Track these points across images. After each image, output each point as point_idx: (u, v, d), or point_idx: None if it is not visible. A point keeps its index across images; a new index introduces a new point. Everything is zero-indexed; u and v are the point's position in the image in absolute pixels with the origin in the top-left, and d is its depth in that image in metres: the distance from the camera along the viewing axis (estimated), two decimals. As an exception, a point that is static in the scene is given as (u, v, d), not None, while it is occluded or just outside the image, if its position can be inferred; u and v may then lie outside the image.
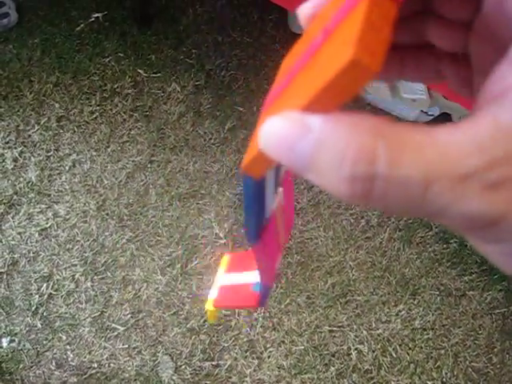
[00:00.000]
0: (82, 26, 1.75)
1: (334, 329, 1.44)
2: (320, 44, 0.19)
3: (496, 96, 0.16)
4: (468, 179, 0.15)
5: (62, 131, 1.60)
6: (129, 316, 1.41)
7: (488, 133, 0.15)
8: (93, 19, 1.76)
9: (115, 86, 1.68)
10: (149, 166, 1.57)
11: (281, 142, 0.17)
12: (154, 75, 1.70)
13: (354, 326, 1.45)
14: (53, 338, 1.38)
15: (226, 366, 1.38)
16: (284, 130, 0.17)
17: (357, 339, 1.44)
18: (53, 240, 1.48)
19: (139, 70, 1.70)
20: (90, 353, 1.38)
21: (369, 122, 0.16)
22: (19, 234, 1.48)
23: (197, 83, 1.70)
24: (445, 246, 1.56)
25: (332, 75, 0.16)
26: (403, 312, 1.48)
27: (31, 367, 1.35)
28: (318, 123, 0.16)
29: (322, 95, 0.16)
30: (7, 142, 1.57)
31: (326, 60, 0.17)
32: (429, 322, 1.47)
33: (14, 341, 1.38)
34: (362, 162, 0.15)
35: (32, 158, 1.56)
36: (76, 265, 1.46)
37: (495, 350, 1.45)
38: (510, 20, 0.18)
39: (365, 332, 1.44)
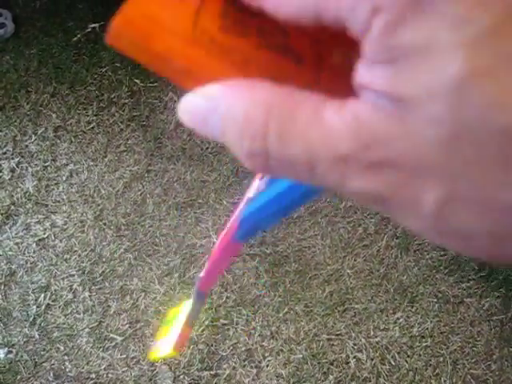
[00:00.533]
0: (78, 36, 1.76)
1: (333, 337, 1.44)
2: None
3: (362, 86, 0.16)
4: (347, 161, 0.15)
5: (59, 141, 1.61)
6: (127, 326, 1.41)
7: (365, 117, 0.15)
8: (89, 29, 1.76)
9: (112, 95, 1.68)
10: (146, 175, 1.58)
11: (196, 118, 0.18)
12: (150, 85, 1.71)
13: (353, 334, 1.45)
14: (50, 349, 1.38)
15: (225, 376, 1.38)
16: (197, 107, 0.18)
17: (355, 347, 1.44)
18: (50, 250, 1.48)
19: (136, 80, 1.71)
20: (88, 363, 1.37)
21: (264, 95, 0.16)
22: (16, 244, 1.48)
23: (193, 92, 1.71)
24: (442, 253, 1.56)
25: None
26: (401, 320, 1.48)
27: (29, 378, 1.35)
28: (221, 97, 0.17)
29: None
30: (4, 153, 1.58)
31: None
32: (427, 329, 1.47)
33: (11, 352, 1.37)
34: (256, 139, 0.16)
35: (29, 168, 1.57)
36: (74, 275, 1.46)
37: (494, 356, 1.45)
38: None
39: (363, 340, 1.44)
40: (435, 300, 1.51)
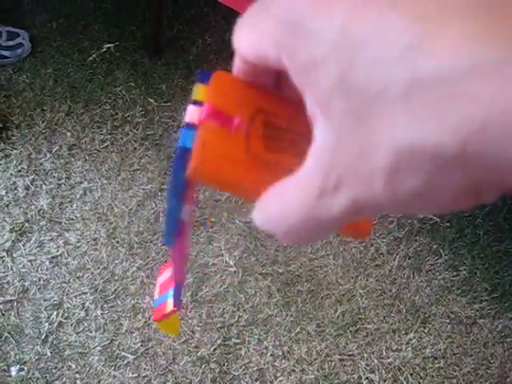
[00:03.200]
0: (93, 56, 1.78)
1: (345, 357, 1.44)
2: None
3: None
4: (322, 199, 0.20)
5: (73, 159, 1.62)
6: (139, 344, 1.41)
7: (313, 163, 0.20)
8: (104, 49, 1.79)
9: (126, 114, 1.70)
10: (159, 194, 1.59)
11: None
12: (164, 104, 1.73)
13: (365, 355, 1.44)
14: (62, 367, 1.38)
15: (237, 396, 1.37)
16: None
17: (367, 368, 1.43)
18: (63, 268, 1.49)
19: (150, 99, 1.73)
20: (99, 382, 1.37)
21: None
22: (30, 261, 1.49)
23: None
24: (454, 273, 1.56)
25: None
26: (414, 340, 1.47)
27: (41, 396, 1.35)
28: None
29: None
30: (19, 171, 1.59)
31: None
32: (440, 350, 1.47)
33: (23, 369, 1.37)
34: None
35: (43, 185, 1.58)
36: (86, 293, 1.46)
37: (508, 379, 1.44)
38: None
39: (375, 361, 1.44)
40: (448, 321, 1.50)
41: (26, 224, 1.53)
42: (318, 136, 0.19)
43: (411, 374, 1.43)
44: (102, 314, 1.44)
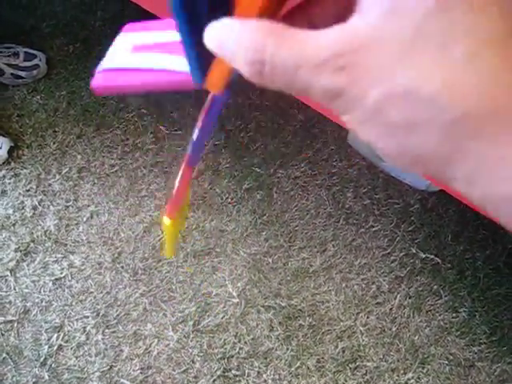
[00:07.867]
0: (107, 81, 1.81)
1: (343, 395, 1.44)
2: None
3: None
4: (322, 65, 0.22)
5: (82, 182, 1.63)
6: (138, 372, 1.40)
7: (338, 34, 0.22)
8: (118, 75, 1.81)
9: (137, 140, 1.72)
10: (166, 221, 1.59)
11: (217, 41, 0.25)
12: (174, 132, 1.75)
13: (363, 393, 1.44)
14: (59, 391, 1.37)
15: (234, 429, 1.37)
16: (219, 32, 0.25)
17: (365, 406, 1.43)
18: (66, 290, 1.49)
19: (161, 127, 1.75)
20: (96, 408, 1.36)
21: (266, 26, 0.23)
22: (33, 282, 1.49)
23: (216, 143, 1.74)
24: (454, 314, 1.57)
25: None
26: (412, 381, 1.47)
27: (38, 421, 1.33)
28: (237, 27, 0.24)
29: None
30: (28, 190, 1.60)
31: None
32: (437, 392, 1.47)
33: (19, 392, 1.36)
34: (257, 52, 0.23)
35: (51, 206, 1.59)
36: (88, 316, 1.46)
37: (505, 424, 1.44)
38: None
39: (373, 399, 1.44)
40: (446, 362, 1.51)
41: (32, 244, 1.53)
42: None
43: (409, 415, 1.43)
44: (102, 338, 1.43)
